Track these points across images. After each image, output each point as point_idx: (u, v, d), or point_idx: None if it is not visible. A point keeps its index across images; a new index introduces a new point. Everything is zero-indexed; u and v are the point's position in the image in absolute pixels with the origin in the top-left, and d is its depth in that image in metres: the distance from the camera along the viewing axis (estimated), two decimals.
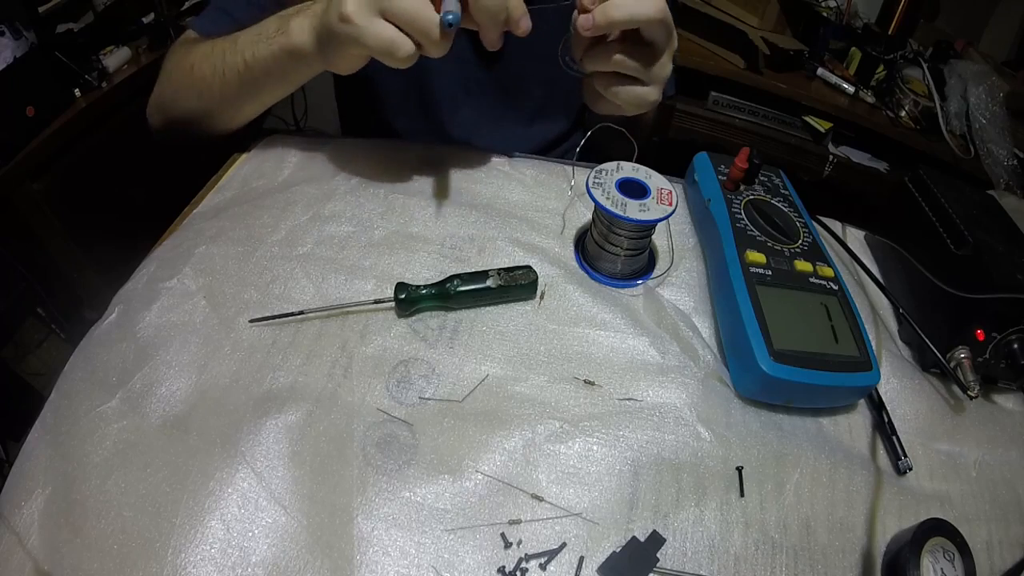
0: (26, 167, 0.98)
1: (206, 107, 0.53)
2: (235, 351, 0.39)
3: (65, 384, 0.37)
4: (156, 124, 0.58)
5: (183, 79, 0.54)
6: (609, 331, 0.44)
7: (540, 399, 0.40)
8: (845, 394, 0.43)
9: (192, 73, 0.52)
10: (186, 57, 0.54)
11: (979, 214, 0.50)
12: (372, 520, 0.33)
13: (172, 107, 0.56)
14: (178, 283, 0.42)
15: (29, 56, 0.96)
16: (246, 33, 0.50)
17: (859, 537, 0.37)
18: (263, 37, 0.48)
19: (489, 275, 0.43)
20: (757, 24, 1.43)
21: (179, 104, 0.55)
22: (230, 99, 0.52)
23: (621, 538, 0.34)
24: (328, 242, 0.47)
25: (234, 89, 0.51)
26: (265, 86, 0.51)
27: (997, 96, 1.33)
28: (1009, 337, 0.44)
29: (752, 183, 0.53)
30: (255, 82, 0.50)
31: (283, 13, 0.48)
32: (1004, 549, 0.38)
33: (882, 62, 1.47)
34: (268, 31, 0.48)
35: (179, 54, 0.56)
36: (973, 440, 0.43)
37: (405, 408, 0.38)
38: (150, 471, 0.33)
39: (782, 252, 0.47)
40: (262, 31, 0.49)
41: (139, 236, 0.50)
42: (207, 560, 0.30)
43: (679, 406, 0.40)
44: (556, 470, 0.36)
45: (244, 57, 0.49)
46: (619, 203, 0.44)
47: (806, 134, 1.51)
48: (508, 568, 0.32)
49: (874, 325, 0.50)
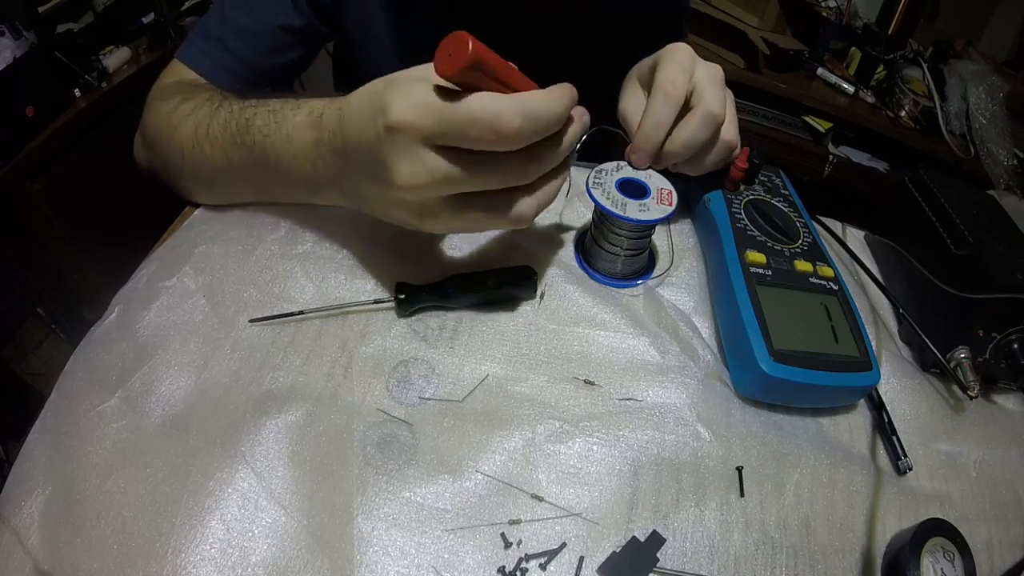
0: (26, 167, 0.97)
1: (196, 189, 0.49)
2: (235, 350, 0.39)
3: (65, 384, 0.37)
4: (143, 168, 0.54)
5: (172, 156, 0.47)
6: (609, 331, 0.44)
7: (540, 399, 0.39)
8: (845, 394, 0.43)
9: (183, 157, 0.46)
10: (171, 131, 0.47)
11: (979, 214, 0.50)
12: (372, 520, 0.33)
13: (158, 170, 0.51)
14: (178, 282, 0.42)
15: (29, 56, 0.96)
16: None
17: (859, 537, 0.37)
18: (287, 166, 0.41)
19: (489, 275, 0.43)
20: (757, 24, 1.43)
21: (165, 172, 0.50)
22: (228, 199, 0.48)
23: (621, 538, 0.34)
24: (328, 241, 0.47)
25: (238, 198, 0.48)
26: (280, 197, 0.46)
27: (997, 96, 1.33)
28: (1009, 337, 0.44)
29: (752, 183, 0.53)
30: (265, 197, 0.46)
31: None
32: (1004, 549, 0.38)
33: (882, 62, 1.47)
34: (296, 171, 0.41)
35: (160, 108, 0.49)
36: (973, 440, 0.43)
37: (405, 408, 0.38)
38: (150, 471, 0.33)
39: (782, 252, 0.47)
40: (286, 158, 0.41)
41: (139, 236, 0.50)
42: (207, 560, 0.30)
43: (679, 406, 0.40)
44: (556, 470, 0.36)
45: (257, 183, 0.45)
46: (619, 203, 0.44)
47: (806, 134, 1.51)
48: (508, 568, 0.32)
49: (874, 325, 0.50)
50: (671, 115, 0.42)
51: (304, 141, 0.39)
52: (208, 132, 0.44)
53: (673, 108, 0.42)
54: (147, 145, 0.51)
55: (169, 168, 0.49)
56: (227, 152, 0.43)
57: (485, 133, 0.31)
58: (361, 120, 0.34)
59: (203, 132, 0.44)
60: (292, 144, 0.40)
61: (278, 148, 0.40)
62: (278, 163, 0.41)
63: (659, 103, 0.42)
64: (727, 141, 0.44)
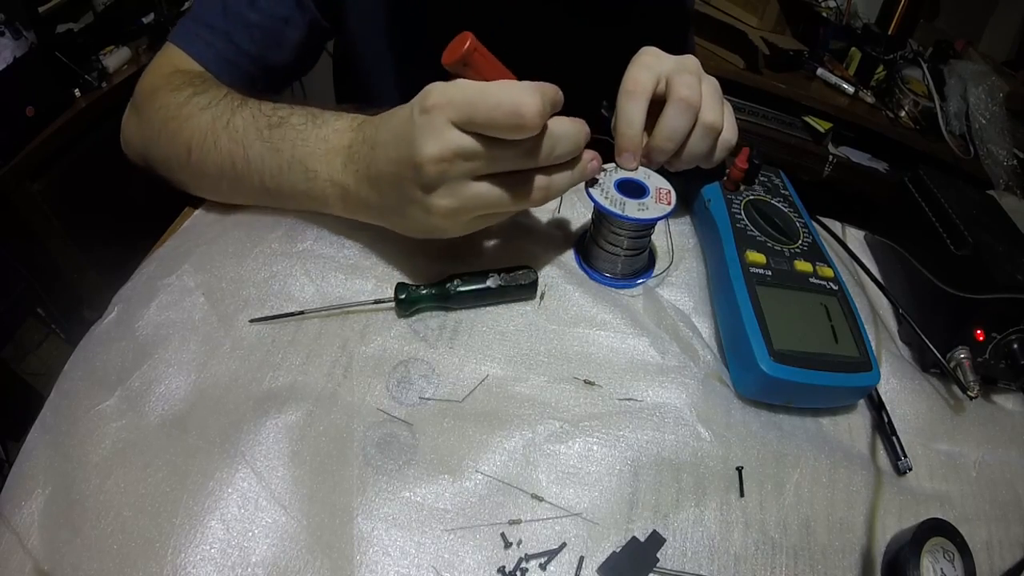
0: (26, 167, 0.98)
1: (194, 184, 0.48)
2: (235, 349, 0.39)
3: (65, 383, 0.37)
4: (134, 160, 0.53)
5: (175, 151, 0.46)
6: (609, 331, 0.44)
7: (540, 399, 0.40)
8: (845, 394, 0.43)
9: (190, 150, 0.45)
10: (181, 122, 0.46)
11: (979, 214, 0.50)
12: (372, 520, 0.33)
13: (153, 164, 0.50)
14: (177, 280, 0.42)
15: (29, 56, 0.96)
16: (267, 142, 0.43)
17: (859, 537, 0.37)
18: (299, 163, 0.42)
19: (489, 275, 0.43)
20: (757, 24, 1.43)
21: (163, 168, 0.49)
22: (228, 198, 0.48)
23: (621, 538, 0.34)
24: (328, 240, 0.46)
25: (240, 198, 0.47)
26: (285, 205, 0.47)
27: (997, 96, 1.33)
28: (1009, 337, 0.44)
29: (752, 183, 0.53)
30: (268, 200, 0.46)
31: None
32: (1004, 549, 0.38)
33: (882, 62, 1.47)
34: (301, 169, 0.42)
35: (167, 99, 0.48)
36: (973, 440, 0.43)
37: (405, 408, 0.38)
38: (150, 471, 0.33)
39: (782, 252, 0.47)
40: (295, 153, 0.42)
41: (139, 236, 0.50)
42: (207, 560, 0.30)
43: (679, 406, 0.40)
44: (556, 470, 0.36)
45: (266, 184, 0.44)
46: (618, 203, 0.44)
47: (806, 134, 1.51)
48: (508, 568, 0.32)
49: (874, 325, 0.50)
50: (639, 110, 0.43)
51: (340, 143, 0.41)
52: (228, 125, 0.44)
53: (640, 103, 0.43)
54: (147, 137, 0.50)
55: (169, 163, 0.48)
56: (246, 147, 0.43)
57: (508, 119, 0.34)
58: (402, 114, 0.37)
59: (221, 124, 0.44)
60: (328, 142, 0.41)
61: (311, 144, 0.42)
62: (306, 159, 0.42)
63: (625, 101, 0.43)
64: (708, 124, 0.44)
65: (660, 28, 0.67)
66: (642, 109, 0.43)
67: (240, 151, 0.44)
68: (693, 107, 0.43)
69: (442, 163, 0.35)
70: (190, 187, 0.49)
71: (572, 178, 0.40)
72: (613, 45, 0.52)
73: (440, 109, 0.34)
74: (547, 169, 0.38)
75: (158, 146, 0.49)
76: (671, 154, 0.45)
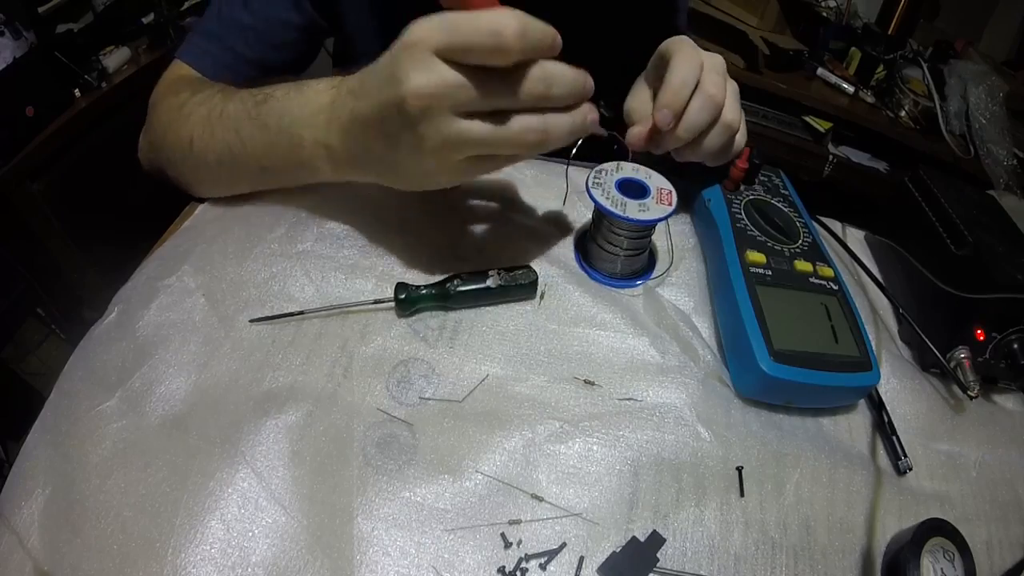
0: (26, 167, 0.97)
1: (200, 178, 0.49)
2: (235, 350, 0.39)
3: (65, 384, 0.37)
4: (148, 172, 0.54)
5: (179, 147, 0.48)
6: (609, 331, 0.44)
7: (540, 399, 0.40)
8: (845, 394, 0.43)
9: (191, 144, 0.46)
10: (182, 121, 0.47)
11: (979, 214, 0.50)
12: (372, 520, 0.33)
13: (163, 167, 0.51)
14: (177, 280, 0.42)
15: (29, 56, 0.96)
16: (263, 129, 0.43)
17: (859, 537, 0.37)
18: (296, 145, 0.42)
19: (489, 275, 0.43)
20: (757, 24, 1.43)
21: (171, 168, 0.50)
22: (231, 188, 0.49)
23: (621, 538, 0.34)
24: (328, 239, 0.47)
25: (243, 184, 0.48)
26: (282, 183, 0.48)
27: (997, 96, 1.33)
28: (1009, 337, 0.44)
29: (752, 183, 0.53)
30: (267, 181, 0.47)
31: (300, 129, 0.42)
32: (1004, 549, 0.38)
33: (882, 62, 1.47)
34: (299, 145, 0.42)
35: (170, 103, 0.49)
36: (973, 440, 0.43)
37: (405, 408, 0.38)
38: (150, 471, 0.33)
39: (782, 252, 0.47)
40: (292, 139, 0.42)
41: (139, 236, 0.50)
42: (207, 560, 0.30)
43: (679, 406, 0.40)
44: (556, 470, 0.36)
45: (262, 164, 0.45)
46: (619, 203, 0.44)
47: (806, 134, 1.51)
48: (508, 568, 0.32)
49: (874, 325, 0.50)
50: (693, 80, 0.43)
51: (321, 101, 0.41)
52: (222, 114, 0.45)
53: (694, 75, 0.43)
54: (154, 142, 0.51)
55: (174, 160, 0.49)
56: (239, 129, 0.44)
57: (488, 39, 0.33)
58: (385, 57, 0.36)
59: (216, 114, 0.45)
60: (309, 104, 0.41)
61: (294, 111, 0.42)
62: (291, 126, 0.42)
63: (682, 63, 0.43)
64: (727, 123, 0.45)
65: (650, 16, 0.67)
66: (694, 81, 0.43)
67: (234, 136, 0.44)
68: (718, 105, 0.44)
69: (426, 97, 0.34)
70: (197, 185, 0.50)
71: (570, 123, 0.38)
72: (607, 32, 0.52)
73: (422, 41, 0.33)
74: (542, 111, 0.37)
75: (164, 146, 0.50)
76: (685, 143, 0.45)
